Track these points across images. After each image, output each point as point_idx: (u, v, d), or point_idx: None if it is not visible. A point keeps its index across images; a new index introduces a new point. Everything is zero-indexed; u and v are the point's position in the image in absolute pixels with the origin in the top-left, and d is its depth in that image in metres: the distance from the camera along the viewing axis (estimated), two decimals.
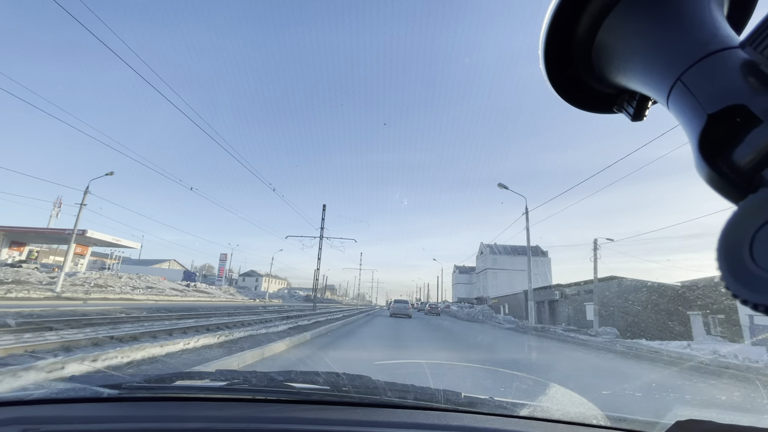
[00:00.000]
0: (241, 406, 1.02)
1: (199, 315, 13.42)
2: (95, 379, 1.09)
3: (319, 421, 0.97)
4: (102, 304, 16.60)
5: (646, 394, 5.01)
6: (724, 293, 0.21)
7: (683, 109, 0.29)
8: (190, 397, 1.05)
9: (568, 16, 0.35)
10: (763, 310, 0.21)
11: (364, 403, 1.08)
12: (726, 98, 0.26)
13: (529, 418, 1.10)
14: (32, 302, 14.88)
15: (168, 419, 0.94)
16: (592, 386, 5.38)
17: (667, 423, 0.96)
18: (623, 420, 1.12)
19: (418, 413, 1.05)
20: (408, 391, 1.12)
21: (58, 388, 1.05)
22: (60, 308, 12.15)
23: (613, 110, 0.40)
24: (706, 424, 0.85)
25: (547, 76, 0.39)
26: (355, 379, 1.18)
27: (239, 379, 1.15)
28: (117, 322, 9.25)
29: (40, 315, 9.02)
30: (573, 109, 0.42)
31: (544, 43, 0.37)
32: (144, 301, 23.78)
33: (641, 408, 3.99)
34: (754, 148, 0.25)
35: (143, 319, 10.41)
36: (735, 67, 0.27)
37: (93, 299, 19.98)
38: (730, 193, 0.26)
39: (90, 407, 0.99)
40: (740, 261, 0.22)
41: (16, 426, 0.86)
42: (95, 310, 12.28)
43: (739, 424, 0.86)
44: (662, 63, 0.30)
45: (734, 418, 0.93)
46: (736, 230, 0.23)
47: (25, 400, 0.99)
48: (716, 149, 0.27)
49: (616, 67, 0.35)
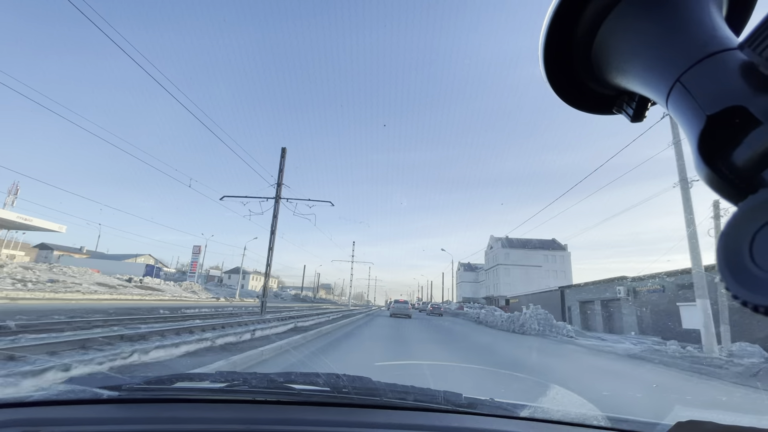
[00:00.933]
0: (241, 407, 1.02)
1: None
2: (95, 381, 1.09)
3: (319, 423, 0.97)
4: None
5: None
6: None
7: (682, 111, 0.29)
8: (189, 399, 1.05)
9: (567, 18, 0.35)
10: (763, 312, 0.21)
11: (364, 404, 1.08)
12: (725, 99, 0.26)
13: (529, 419, 1.09)
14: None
15: (168, 421, 0.94)
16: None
17: (668, 424, 0.96)
18: (623, 421, 1.12)
19: (419, 414, 1.05)
20: (408, 393, 1.12)
21: (57, 390, 1.04)
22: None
23: (613, 111, 0.40)
24: (706, 425, 0.85)
25: (547, 77, 0.39)
26: (355, 380, 1.18)
27: (239, 380, 1.15)
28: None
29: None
30: (573, 110, 0.42)
31: (544, 44, 0.37)
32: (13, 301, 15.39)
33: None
34: (753, 149, 0.25)
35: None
36: (734, 68, 0.27)
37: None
38: (729, 194, 0.26)
39: (90, 409, 0.98)
40: (740, 262, 0.22)
41: (16, 428, 0.86)
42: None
43: (740, 425, 0.85)
44: (661, 64, 0.30)
45: (735, 419, 0.93)
46: (736, 231, 0.23)
47: (24, 402, 0.99)
48: (715, 150, 0.27)
49: (615, 68, 0.35)
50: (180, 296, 35.17)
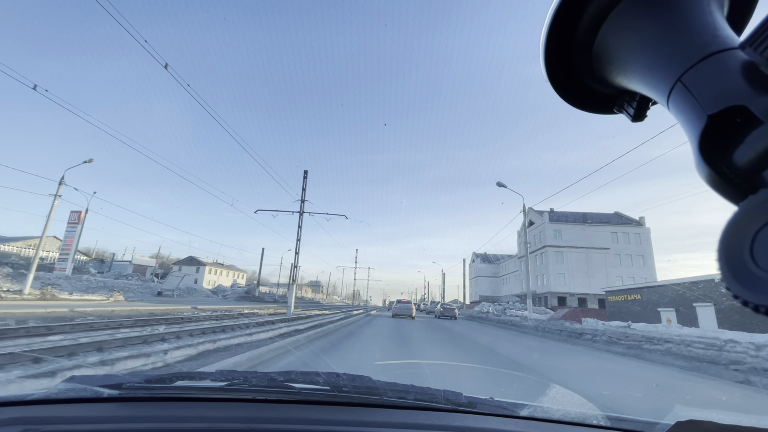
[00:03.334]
0: (242, 406, 1.02)
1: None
2: (95, 380, 1.09)
3: (319, 422, 0.97)
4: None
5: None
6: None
7: (683, 110, 0.29)
8: (190, 398, 1.05)
9: (568, 17, 0.35)
10: (763, 311, 0.21)
11: (364, 403, 1.08)
12: (726, 99, 0.26)
13: (529, 418, 1.10)
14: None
15: (168, 419, 0.94)
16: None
17: (668, 423, 0.96)
18: (623, 420, 1.12)
19: (419, 413, 1.05)
20: (408, 392, 1.12)
21: (58, 389, 1.05)
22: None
23: (614, 111, 0.40)
24: (706, 425, 0.85)
25: (548, 77, 0.39)
26: (355, 379, 1.18)
27: (239, 379, 1.15)
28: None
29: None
30: (573, 110, 0.42)
31: (545, 43, 0.37)
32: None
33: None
34: (754, 148, 0.25)
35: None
36: (735, 68, 0.27)
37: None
38: (730, 193, 0.26)
39: (90, 407, 0.99)
40: (741, 262, 0.22)
41: (17, 426, 0.86)
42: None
43: (740, 425, 0.86)
44: (662, 64, 0.30)
45: (735, 418, 0.93)
46: (736, 231, 0.23)
47: (25, 401, 0.99)
48: (716, 150, 0.27)
49: (616, 67, 0.35)
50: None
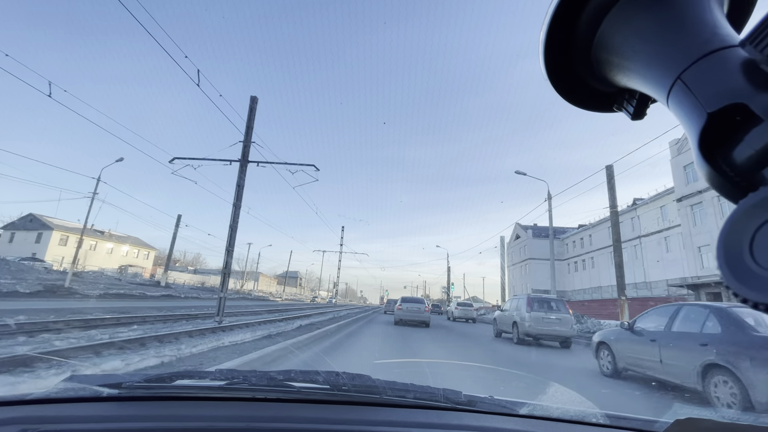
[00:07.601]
0: (241, 405, 1.03)
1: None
2: (95, 379, 1.09)
3: (319, 420, 0.97)
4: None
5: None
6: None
7: (683, 108, 0.29)
8: (190, 397, 1.05)
9: (568, 15, 0.35)
10: (763, 309, 0.21)
11: (364, 402, 1.08)
12: (726, 97, 0.26)
13: (528, 416, 1.10)
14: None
15: (168, 418, 0.94)
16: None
17: (667, 421, 0.96)
18: (622, 418, 1.12)
19: (418, 412, 1.06)
20: (408, 390, 1.12)
21: (57, 388, 1.04)
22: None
23: (613, 109, 0.40)
24: (705, 423, 0.85)
25: (547, 75, 0.38)
26: (355, 378, 1.18)
27: (239, 378, 1.15)
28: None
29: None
30: (573, 108, 0.41)
31: (544, 41, 0.36)
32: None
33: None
34: (754, 146, 0.25)
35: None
36: (735, 65, 0.26)
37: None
38: (730, 191, 0.26)
39: (90, 407, 0.98)
40: (740, 259, 0.22)
41: (16, 426, 0.86)
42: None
43: (739, 423, 0.86)
44: (662, 61, 0.30)
45: (734, 416, 0.93)
46: (736, 229, 0.23)
47: (24, 400, 0.99)
48: (716, 148, 0.27)
49: (616, 65, 0.35)
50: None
